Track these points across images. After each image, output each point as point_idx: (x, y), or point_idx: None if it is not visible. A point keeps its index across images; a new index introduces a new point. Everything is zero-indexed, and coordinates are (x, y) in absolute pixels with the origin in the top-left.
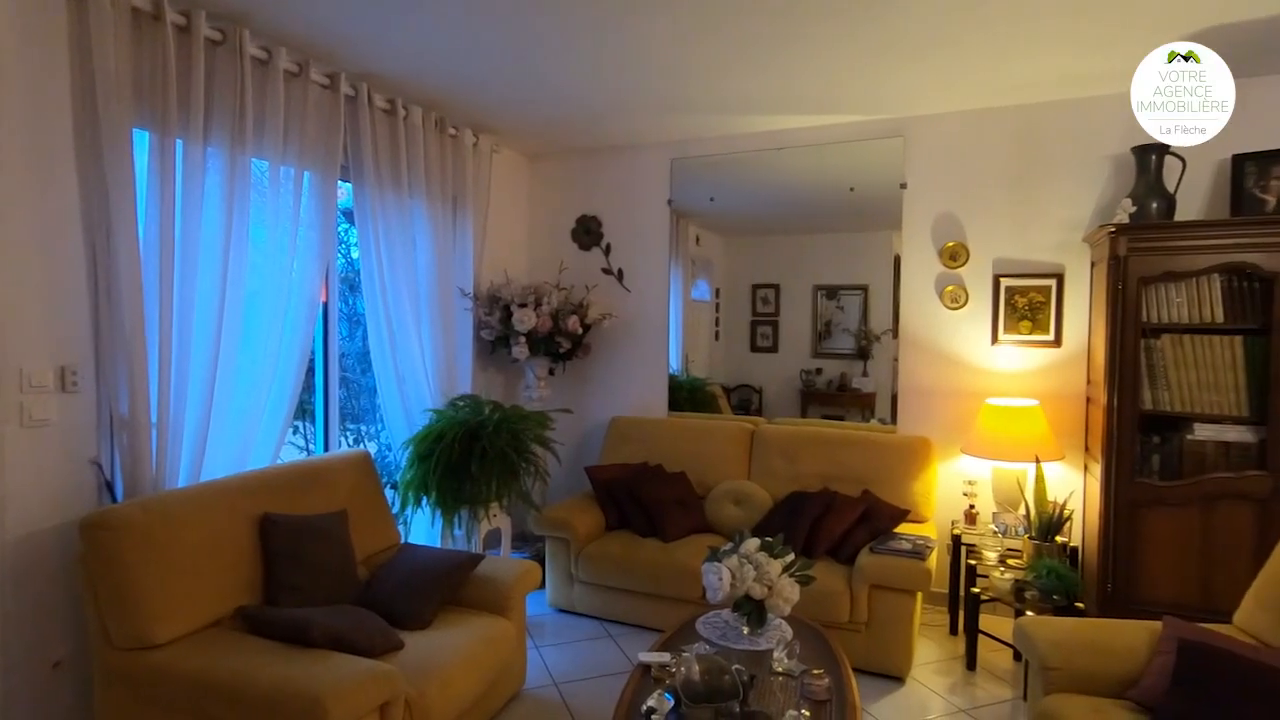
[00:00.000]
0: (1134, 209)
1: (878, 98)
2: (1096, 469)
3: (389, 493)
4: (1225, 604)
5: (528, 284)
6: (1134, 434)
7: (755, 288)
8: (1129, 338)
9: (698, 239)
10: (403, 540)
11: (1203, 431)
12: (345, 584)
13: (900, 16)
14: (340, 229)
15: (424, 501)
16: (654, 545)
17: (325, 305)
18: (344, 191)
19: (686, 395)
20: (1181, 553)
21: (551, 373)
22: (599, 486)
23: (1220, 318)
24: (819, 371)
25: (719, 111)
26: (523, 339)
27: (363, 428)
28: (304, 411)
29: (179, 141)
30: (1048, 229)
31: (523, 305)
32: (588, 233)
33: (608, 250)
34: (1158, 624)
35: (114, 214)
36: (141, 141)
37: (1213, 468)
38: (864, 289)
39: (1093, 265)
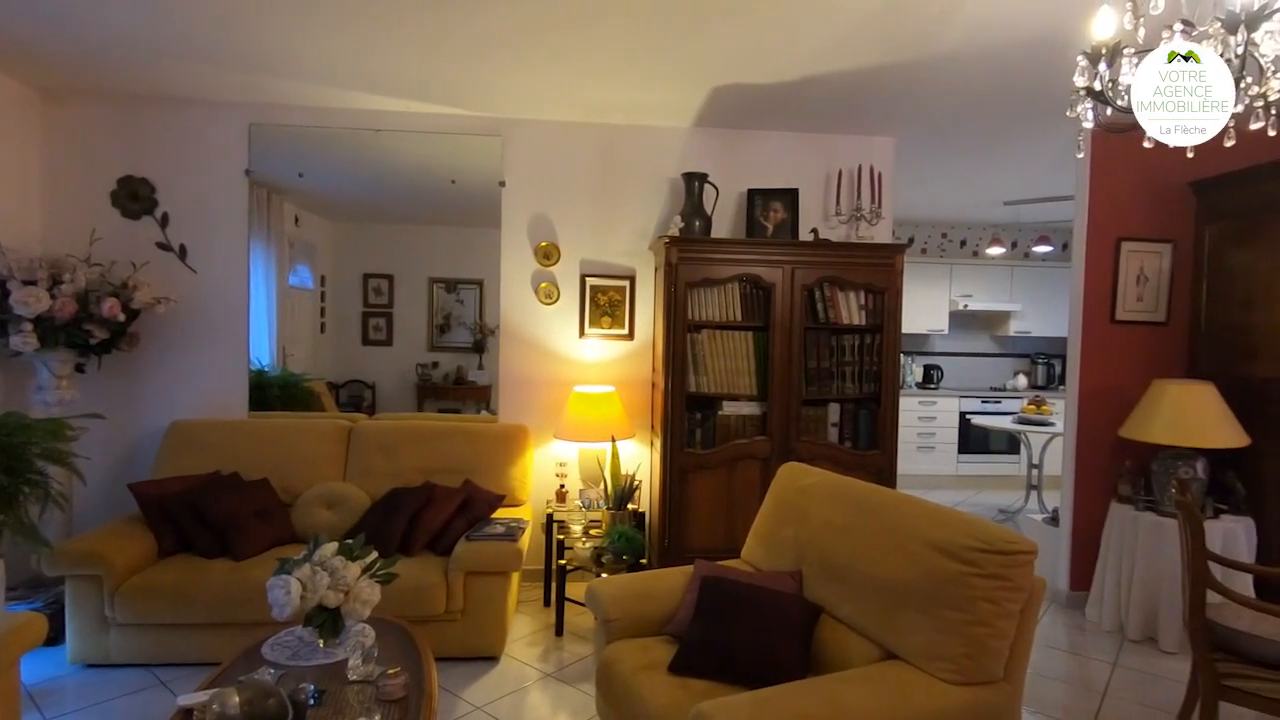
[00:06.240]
0: (682, 225)
1: (475, 95)
2: (658, 443)
3: None
4: (741, 544)
5: (40, 255)
6: (683, 412)
7: (367, 277)
8: (679, 332)
9: (297, 219)
10: None
11: (729, 408)
12: None
13: (481, 20)
14: None
15: None
16: (224, 566)
17: None
18: None
19: (278, 393)
20: (715, 506)
21: (80, 370)
22: (150, 505)
23: (739, 317)
24: (436, 365)
25: (307, 79)
26: (28, 326)
27: None
28: None
29: None
30: (624, 236)
31: (29, 283)
32: (135, 198)
33: (164, 221)
34: (691, 567)
35: None
36: None
37: (736, 436)
38: (479, 283)
39: (656, 270)
